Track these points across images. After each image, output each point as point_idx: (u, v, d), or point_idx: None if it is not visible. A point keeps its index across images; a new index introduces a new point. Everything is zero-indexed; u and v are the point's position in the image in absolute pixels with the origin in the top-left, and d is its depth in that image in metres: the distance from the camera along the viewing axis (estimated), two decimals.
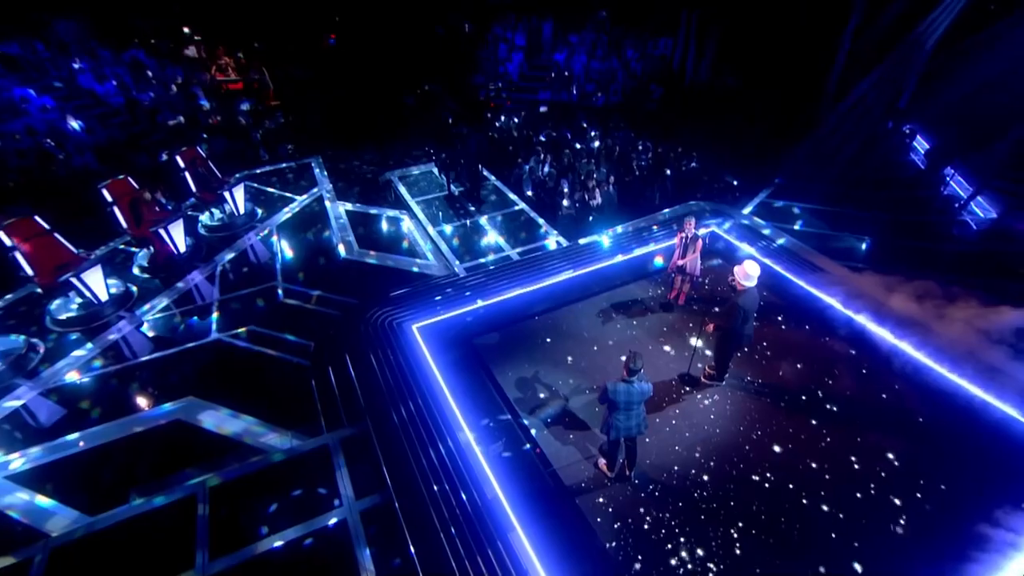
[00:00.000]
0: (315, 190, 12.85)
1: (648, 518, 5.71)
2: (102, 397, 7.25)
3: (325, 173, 13.68)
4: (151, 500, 5.75)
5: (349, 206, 12.08)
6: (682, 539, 5.52)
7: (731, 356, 7.24)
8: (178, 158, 11.29)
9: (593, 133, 13.52)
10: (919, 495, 5.99)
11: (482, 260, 9.98)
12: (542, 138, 13.45)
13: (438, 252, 10.32)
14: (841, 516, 5.75)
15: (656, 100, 16.70)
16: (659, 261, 9.81)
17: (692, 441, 6.55)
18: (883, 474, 6.21)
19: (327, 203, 12.20)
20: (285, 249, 10.57)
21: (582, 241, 10.35)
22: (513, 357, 7.80)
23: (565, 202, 11.16)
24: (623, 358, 5.20)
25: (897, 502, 5.91)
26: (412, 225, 11.25)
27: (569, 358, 7.76)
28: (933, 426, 6.79)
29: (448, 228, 11.10)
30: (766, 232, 10.55)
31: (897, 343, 7.81)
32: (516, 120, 14.73)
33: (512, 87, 17.01)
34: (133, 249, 10.49)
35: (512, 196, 12.23)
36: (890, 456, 6.40)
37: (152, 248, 9.93)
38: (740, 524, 5.67)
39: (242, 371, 7.70)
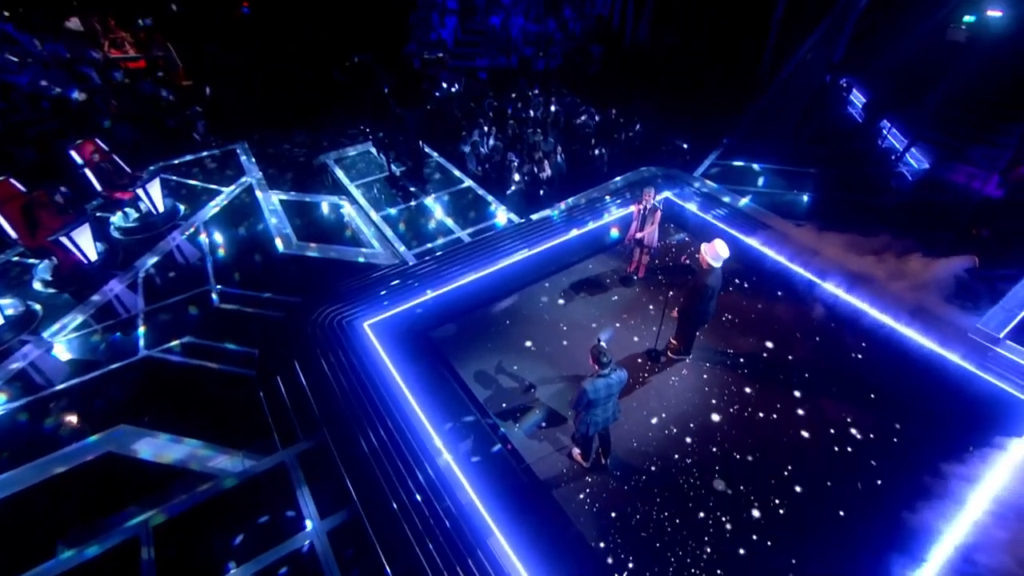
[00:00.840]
0: (243, 179, 11.85)
1: (628, 505, 5.68)
2: (10, 437, 6.45)
3: (253, 160, 12.63)
4: (83, 551, 5.17)
5: (283, 195, 11.22)
6: (664, 523, 5.53)
7: (696, 332, 7.25)
8: (73, 153, 10.04)
9: (537, 100, 13.06)
10: (886, 448, 6.26)
11: (431, 245, 9.52)
12: (485, 110, 12.87)
13: (384, 239, 9.76)
14: (815, 477, 5.93)
15: (597, 62, 16.33)
16: (615, 232, 9.68)
17: (665, 420, 6.55)
18: (854, 432, 6.43)
19: (258, 193, 11.28)
20: (215, 248, 9.71)
21: (535, 217, 10.05)
22: (473, 348, 7.52)
23: (515, 176, 10.77)
24: (590, 352, 5.00)
25: (873, 463, 6.14)
26: (353, 211, 10.58)
27: (531, 344, 7.56)
28: (894, 383, 7.06)
29: (392, 212, 10.51)
30: (718, 195, 10.60)
31: (855, 302, 8.05)
32: (455, 90, 14.02)
33: (448, 55, 16.15)
34: (31, 261, 9.32)
35: (457, 173, 11.70)
36: (856, 416, 6.64)
37: (54, 259, 8.85)
38: (721, 502, 5.74)
39: (179, 389, 7.05)
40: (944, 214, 9.86)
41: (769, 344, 7.59)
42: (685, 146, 11.77)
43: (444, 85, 14.31)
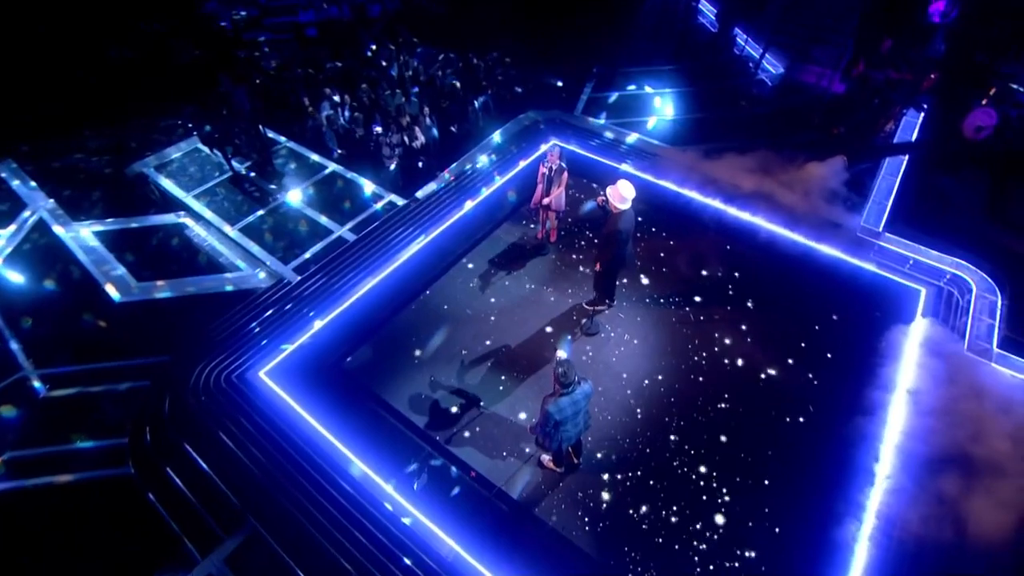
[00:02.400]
0: (26, 214, 9.21)
1: (613, 496, 5.51)
2: None
3: (32, 183, 9.83)
4: None
5: (96, 225, 8.93)
6: (654, 504, 5.45)
7: (616, 279, 7.08)
8: None
9: (385, 54, 11.56)
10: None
11: (310, 254, 8.20)
12: (329, 75, 11.14)
13: (250, 257, 8.24)
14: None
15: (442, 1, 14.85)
16: (512, 196, 9.08)
17: (623, 394, 6.40)
18: (783, 354, 6.77)
19: (57, 229, 8.84)
20: (15, 319, 7.52)
21: (420, 195, 9.07)
22: (398, 369, 6.71)
23: (385, 151, 9.55)
24: (553, 372, 4.50)
25: (810, 376, 6.53)
26: (201, 230, 8.76)
27: (460, 347, 6.91)
28: (805, 294, 7.52)
29: (251, 221, 8.87)
30: (604, 132, 10.34)
31: (754, 220, 8.37)
32: (280, 59, 11.90)
33: (262, 11, 13.63)
34: None
35: (316, 158, 10.13)
36: (780, 334, 6.98)
37: None
38: (702, 466, 5.78)
39: (23, 532, 5.47)
40: (806, 116, 10.55)
41: (689, 279, 7.69)
42: (559, 83, 11.23)
43: (267, 51, 12.12)
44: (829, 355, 6.81)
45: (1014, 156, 9.16)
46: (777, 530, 5.28)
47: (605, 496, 5.52)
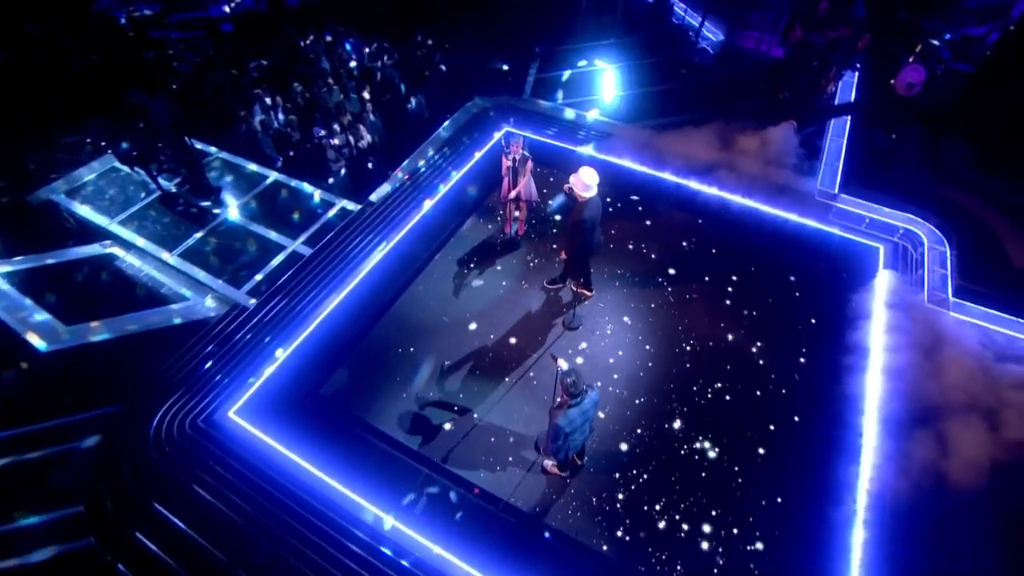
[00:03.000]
0: None
1: (620, 493, 5.47)
2: None
3: None
4: None
5: (3, 265, 7.93)
6: (666, 493, 5.45)
7: (588, 266, 6.93)
8: None
9: (316, 47, 10.80)
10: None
11: (261, 276, 7.60)
12: (254, 74, 10.28)
13: (196, 284, 7.56)
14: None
15: None
16: (472, 191, 8.76)
17: (617, 385, 6.34)
18: (761, 323, 6.90)
19: None
20: None
21: (374, 198, 8.59)
22: (380, 389, 6.37)
23: (330, 154, 8.96)
24: (559, 384, 4.32)
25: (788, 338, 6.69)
26: (135, 259, 7.94)
27: (442, 358, 6.63)
28: (775, 262, 7.69)
29: (190, 244, 8.13)
30: (556, 115, 10.14)
31: (718, 193, 8.45)
32: (197, 60, 10.86)
33: (166, 7, 12.36)
34: None
35: (254, 167, 9.37)
36: (755, 304, 7.12)
37: None
38: (706, 445, 5.82)
39: None
40: (751, 82, 10.73)
41: (661, 259, 7.70)
42: (505, 67, 10.88)
43: (182, 51, 11.04)
44: (812, 320, 7.02)
45: (943, 110, 9.68)
46: (779, 499, 5.43)
47: (613, 493, 5.47)
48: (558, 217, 8.26)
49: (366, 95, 9.56)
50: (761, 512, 5.36)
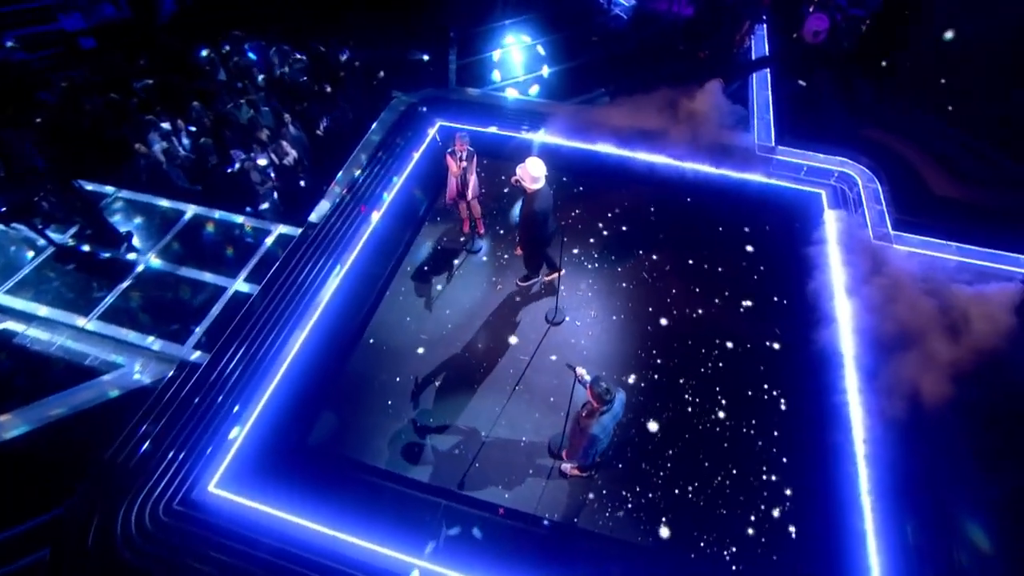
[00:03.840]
0: None
1: (649, 479, 5.48)
2: None
3: None
4: None
5: None
6: (694, 469, 5.52)
7: (544, 254, 6.72)
8: None
9: (210, 58, 9.66)
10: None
11: (201, 328, 6.77)
12: (141, 96, 9.03)
13: (128, 347, 6.64)
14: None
15: None
16: (419, 193, 8.30)
17: (616, 371, 6.30)
18: (730, 283, 7.13)
19: None
20: None
21: (314, 218, 7.90)
22: (373, 426, 5.95)
23: (253, 176, 8.12)
24: (589, 392, 4.15)
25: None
26: (41, 332, 6.83)
27: (434, 380, 6.28)
28: (730, 220, 7.92)
29: (111, 303, 7.10)
30: (489, 102, 9.79)
31: (664, 160, 8.54)
32: (63, 83, 9.37)
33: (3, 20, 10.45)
34: None
35: (165, 203, 8.29)
36: (722, 267, 7.34)
37: None
38: (720, 413, 5.95)
39: None
40: (670, 44, 10.89)
41: (623, 235, 7.72)
42: (425, 57, 10.29)
43: (41, 73, 9.49)
44: (772, 266, 7.34)
45: (848, 54, 10.33)
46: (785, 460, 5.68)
47: (643, 481, 5.47)
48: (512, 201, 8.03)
49: (280, 105, 8.72)
50: (778, 465, 5.58)
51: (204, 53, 9.69)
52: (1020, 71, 8.58)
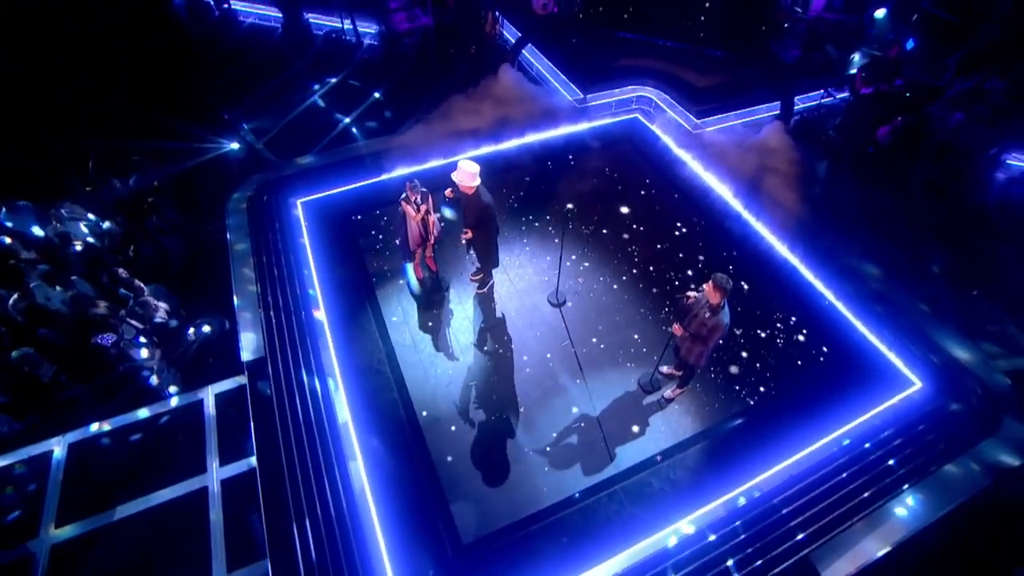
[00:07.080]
0: None
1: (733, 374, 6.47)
2: None
3: None
4: None
5: None
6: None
7: (496, 246, 6.82)
8: None
9: None
10: None
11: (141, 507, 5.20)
12: None
13: None
14: None
15: None
16: (340, 273, 7.45)
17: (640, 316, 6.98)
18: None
19: None
20: None
21: (249, 356, 6.37)
22: (499, 483, 5.54)
23: (138, 355, 6.22)
24: (716, 288, 4.70)
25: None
26: None
27: (506, 411, 6.07)
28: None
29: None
30: (322, 164, 9.09)
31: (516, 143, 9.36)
32: None
33: None
34: None
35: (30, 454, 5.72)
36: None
37: None
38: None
39: None
40: (439, 56, 11.57)
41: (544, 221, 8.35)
42: (235, 145, 8.74)
43: None
44: (647, 181, 8.92)
45: (577, 16, 12.50)
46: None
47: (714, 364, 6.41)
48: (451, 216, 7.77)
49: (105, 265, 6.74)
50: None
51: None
52: None
